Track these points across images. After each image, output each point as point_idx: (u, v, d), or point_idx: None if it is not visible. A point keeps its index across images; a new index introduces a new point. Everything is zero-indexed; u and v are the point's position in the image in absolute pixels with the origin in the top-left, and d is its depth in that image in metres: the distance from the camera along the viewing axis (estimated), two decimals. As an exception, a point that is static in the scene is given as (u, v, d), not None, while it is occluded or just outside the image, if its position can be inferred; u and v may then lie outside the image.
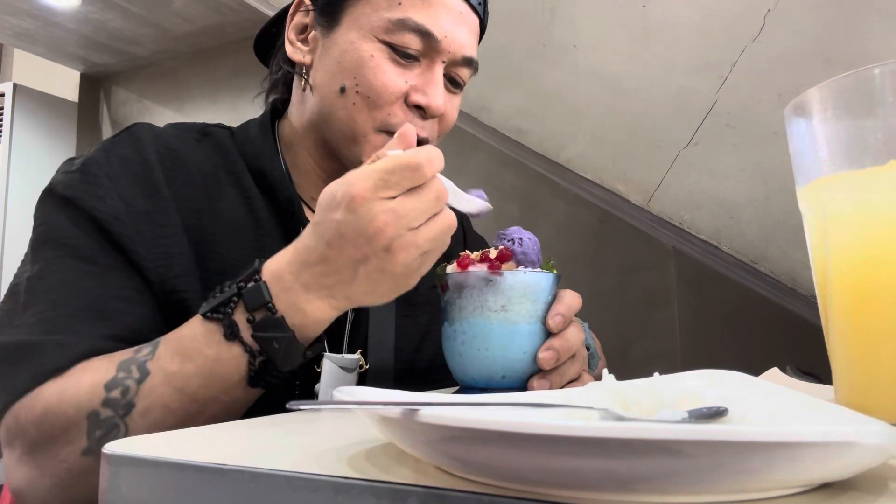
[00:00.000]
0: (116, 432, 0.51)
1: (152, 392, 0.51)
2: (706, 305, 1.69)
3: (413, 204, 0.51)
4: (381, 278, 0.52)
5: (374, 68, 0.67)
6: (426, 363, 0.79)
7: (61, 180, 0.63)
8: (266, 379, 0.53)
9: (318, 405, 0.31)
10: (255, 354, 0.52)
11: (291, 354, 0.53)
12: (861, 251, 0.39)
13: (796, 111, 0.42)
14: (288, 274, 0.53)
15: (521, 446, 0.23)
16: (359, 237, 0.50)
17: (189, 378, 0.52)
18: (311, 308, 0.53)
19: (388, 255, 0.51)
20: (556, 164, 1.91)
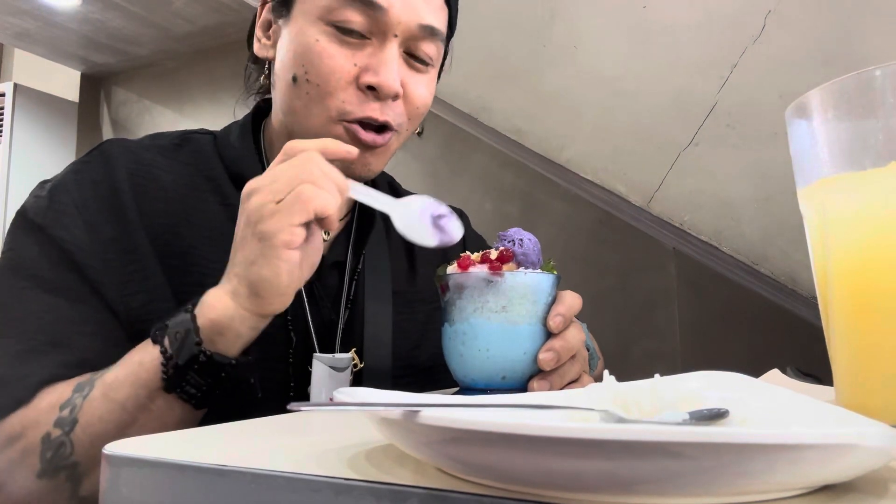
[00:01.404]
0: (63, 449, 0.52)
1: (91, 405, 0.53)
2: (706, 306, 1.69)
3: (279, 168, 0.54)
4: (245, 236, 0.53)
5: (319, 52, 0.64)
6: (425, 362, 0.79)
7: (32, 205, 0.64)
8: (181, 385, 0.52)
9: (319, 406, 0.31)
10: (167, 357, 0.52)
11: (187, 348, 0.52)
12: (862, 252, 0.39)
13: (797, 112, 0.42)
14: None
15: (522, 448, 0.23)
16: (241, 223, 0.55)
17: (120, 386, 0.53)
18: (210, 297, 0.54)
19: (246, 213, 0.53)
20: (556, 165, 1.91)
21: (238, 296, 0.53)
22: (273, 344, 0.66)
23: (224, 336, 0.53)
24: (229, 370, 0.54)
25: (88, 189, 0.64)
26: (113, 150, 0.67)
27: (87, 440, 0.52)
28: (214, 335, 0.53)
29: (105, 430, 0.52)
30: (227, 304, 0.53)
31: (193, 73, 3.13)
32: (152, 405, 0.53)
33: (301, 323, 0.69)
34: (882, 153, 0.37)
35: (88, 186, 0.64)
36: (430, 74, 0.71)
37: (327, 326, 0.71)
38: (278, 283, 0.52)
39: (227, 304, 0.53)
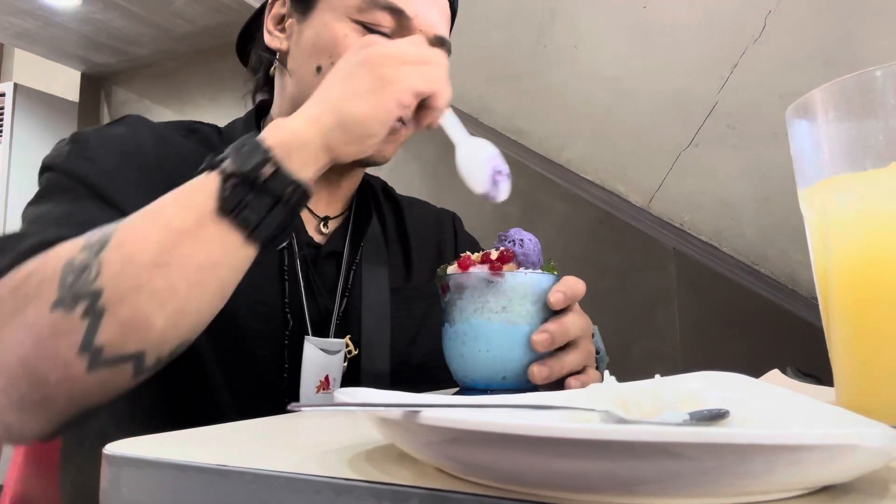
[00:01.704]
0: (87, 273, 0.46)
1: (128, 225, 0.49)
2: (706, 306, 1.69)
3: (403, 41, 0.58)
4: (358, 72, 0.54)
5: (347, 46, 0.68)
6: (421, 358, 0.80)
7: (52, 154, 0.64)
8: (237, 206, 0.48)
9: (319, 407, 0.31)
10: (226, 174, 0.49)
11: (254, 154, 0.49)
12: (862, 253, 0.39)
13: (798, 113, 0.42)
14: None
15: (522, 448, 0.23)
16: (351, 62, 0.55)
17: (165, 207, 0.49)
18: (287, 119, 0.53)
19: (362, 56, 0.55)
20: (556, 165, 1.91)
21: (320, 122, 0.52)
22: (271, 324, 0.68)
23: (292, 159, 0.50)
24: (291, 194, 0.50)
25: (110, 140, 0.65)
26: (136, 121, 0.70)
27: (118, 261, 0.46)
28: (282, 157, 0.50)
29: (141, 252, 0.47)
30: (303, 126, 0.52)
31: (193, 73, 3.14)
32: (200, 231, 0.48)
33: (297, 308, 0.70)
34: (883, 154, 0.37)
35: (110, 138, 0.66)
36: None
37: (323, 314, 0.72)
38: (370, 125, 0.53)
39: (303, 126, 0.52)
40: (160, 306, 0.46)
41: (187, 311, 0.48)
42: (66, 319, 0.45)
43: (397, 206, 0.90)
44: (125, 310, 0.45)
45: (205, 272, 0.48)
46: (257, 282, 0.69)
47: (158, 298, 0.46)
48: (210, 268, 0.48)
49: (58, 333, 0.45)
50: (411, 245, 0.86)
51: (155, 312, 0.46)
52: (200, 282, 0.48)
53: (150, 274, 0.46)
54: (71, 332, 0.45)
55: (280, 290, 0.70)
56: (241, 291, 0.54)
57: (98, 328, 0.45)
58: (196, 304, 0.49)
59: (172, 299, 0.47)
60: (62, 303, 0.45)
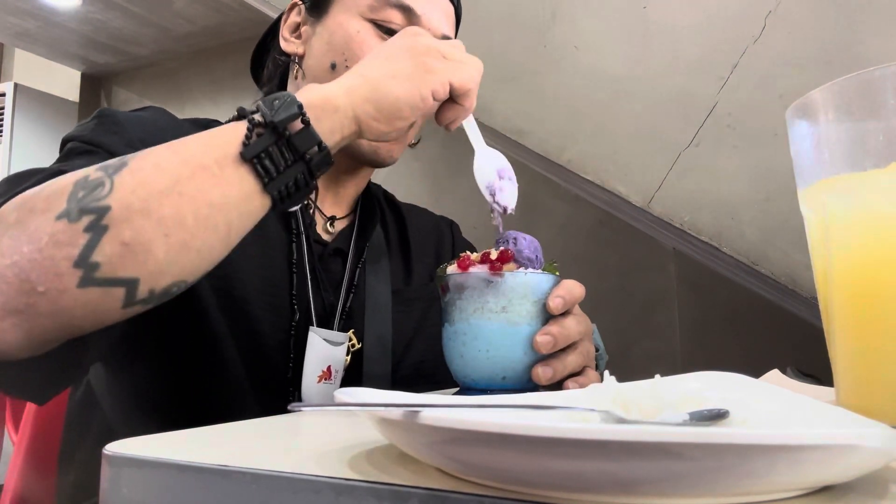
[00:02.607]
0: (100, 189, 0.45)
1: (149, 153, 0.49)
2: (707, 307, 1.69)
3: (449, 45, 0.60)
4: (401, 55, 0.56)
5: (360, 43, 0.72)
6: (418, 358, 0.81)
7: (76, 129, 0.65)
8: (258, 155, 0.48)
9: (320, 407, 0.31)
10: (254, 123, 0.49)
11: (287, 109, 0.49)
12: (862, 253, 0.39)
13: (798, 113, 0.42)
14: None
15: (522, 448, 0.23)
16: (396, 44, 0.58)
17: (188, 143, 0.49)
18: (323, 86, 0.54)
19: (409, 42, 0.58)
20: (556, 165, 1.91)
21: (353, 92, 0.54)
22: (278, 314, 0.70)
23: (321, 122, 0.51)
24: (314, 155, 0.50)
25: (135, 119, 0.67)
26: (156, 109, 0.73)
27: (132, 184, 0.46)
28: (313, 118, 0.50)
29: (157, 179, 0.46)
30: (338, 93, 0.53)
31: (193, 73, 3.14)
32: (218, 171, 0.48)
33: (304, 300, 0.72)
34: (883, 154, 0.37)
35: (135, 118, 0.67)
36: None
37: (328, 308, 0.74)
38: (402, 107, 0.55)
39: (338, 93, 0.53)
40: (164, 235, 0.46)
41: (191, 245, 0.47)
42: (67, 230, 0.44)
43: (398, 212, 0.92)
44: (129, 231, 0.45)
45: (215, 210, 0.48)
46: (268, 273, 0.70)
47: (164, 226, 0.46)
48: (221, 207, 0.48)
49: (56, 243, 0.43)
50: (411, 250, 0.88)
51: (158, 240, 0.45)
52: (209, 218, 0.47)
53: (161, 201, 0.46)
54: (70, 243, 0.44)
55: (288, 281, 0.71)
56: (254, 279, 0.55)
57: (98, 244, 0.44)
58: (200, 241, 0.48)
59: (178, 230, 0.46)
60: (68, 214, 0.44)
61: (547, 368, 0.57)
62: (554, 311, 0.58)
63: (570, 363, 0.59)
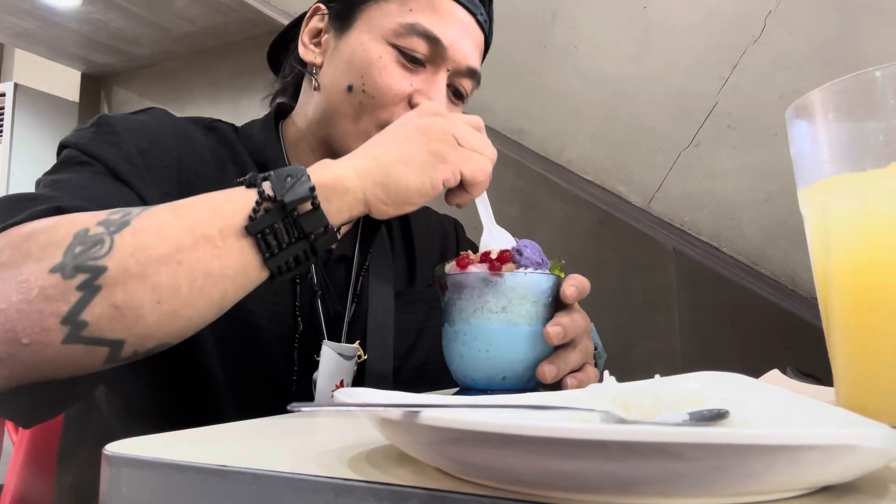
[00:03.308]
0: (99, 248, 0.45)
1: (152, 215, 0.48)
2: (706, 307, 1.69)
3: (467, 125, 0.59)
4: (415, 139, 0.55)
5: (381, 69, 0.70)
6: (420, 359, 0.81)
7: (74, 135, 0.64)
8: (263, 230, 0.48)
9: (320, 407, 0.31)
10: (263, 197, 0.49)
11: (299, 189, 0.49)
12: (862, 253, 0.39)
13: (798, 113, 0.42)
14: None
15: (522, 448, 0.23)
16: (412, 125, 0.57)
17: (194, 208, 0.49)
18: (334, 163, 0.54)
19: (425, 124, 0.57)
20: (556, 165, 1.91)
21: (364, 175, 0.54)
22: (282, 325, 0.69)
23: (330, 203, 0.51)
24: (319, 236, 0.50)
25: (136, 126, 0.66)
26: (159, 112, 0.72)
27: (132, 246, 0.45)
28: (322, 198, 0.51)
29: (156, 244, 0.46)
30: (350, 175, 0.53)
31: (193, 73, 3.14)
32: (221, 242, 0.48)
33: (308, 311, 0.71)
34: (883, 154, 0.37)
35: (135, 124, 0.66)
36: (460, 108, 0.79)
37: (333, 318, 0.73)
38: (411, 195, 0.55)
39: (350, 175, 0.53)
40: (157, 301, 0.46)
41: (181, 313, 0.48)
42: (60, 285, 0.43)
43: None
44: (122, 294, 0.44)
45: (211, 281, 0.48)
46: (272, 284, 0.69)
47: (158, 293, 0.46)
48: (218, 278, 0.48)
49: (47, 297, 0.43)
50: (416, 250, 0.88)
51: (150, 305, 0.46)
52: (204, 288, 0.48)
53: (159, 268, 0.46)
54: (61, 299, 0.43)
55: (292, 292, 0.71)
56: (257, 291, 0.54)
57: (88, 304, 0.44)
58: (192, 309, 0.48)
59: (171, 298, 0.46)
60: (62, 268, 0.44)
61: (552, 366, 0.57)
62: (570, 299, 0.59)
63: (571, 360, 0.59)
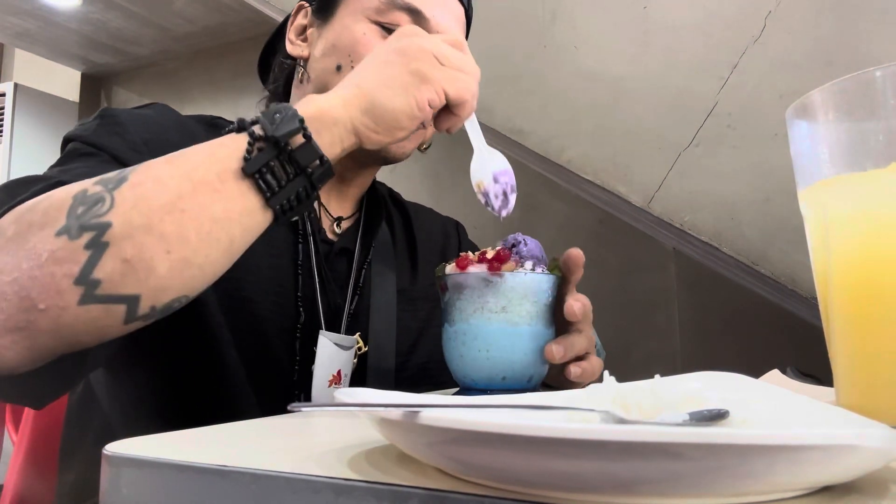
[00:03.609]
0: (101, 206, 0.45)
1: (149, 167, 0.48)
2: (706, 307, 1.69)
3: (448, 45, 0.57)
4: (395, 61, 0.54)
5: (366, 45, 0.71)
6: (423, 359, 0.81)
7: (78, 128, 0.64)
8: (260, 169, 0.48)
9: (320, 407, 0.31)
10: (255, 137, 0.49)
11: (288, 123, 0.49)
12: (862, 253, 0.39)
13: (798, 113, 0.42)
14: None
15: (522, 448, 0.23)
16: (391, 48, 0.56)
17: (189, 156, 0.49)
18: (320, 97, 0.53)
19: (403, 45, 0.55)
20: (556, 165, 1.91)
21: (350, 105, 0.53)
22: (284, 315, 0.69)
23: (321, 135, 0.51)
24: (316, 168, 0.50)
25: (139, 118, 0.66)
26: (162, 107, 0.72)
27: (133, 199, 0.45)
28: (313, 131, 0.50)
29: (158, 194, 0.46)
30: (336, 105, 0.52)
31: (193, 73, 3.14)
32: (220, 185, 0.47)
33: (309, 302, 0.71)
34: (883, 154, 0.37)
35: (138, 117, 0.66)
36: None
37: (334, 310, 0.74)
38: (399, 118, 0.54)
39: (336, 105, 0.52)
40: (166, 251, 0.45)
41: (193, 261, 0.47)
42: (68, 247, 0.43)
43: (404, 211, 0.92)
44: (130, 248, 0.44)
45: (217, 225, 0.47)
46: (274, 273, 0.70)
47: (166, 243, 0.45)
48: (224, 222, 0.48)
49: (57, 260, 0.43)
50: (418, 249, 0.88)
51: (159, 256, 0.45)
52: (211, 233, 0.47)
53: (163, 217, 0.45)
54: (70, 260, 0.43)
55: (294, 282, 0.71)
56: (260, 280, 0.54)
57: (98, 261, 0.44)
58: (203, 256, 0.48)
59: (180, 246, 0.46)
60: (67, 230, 0.44)
61: (559, 347, 0.58)
62: (573, 317, 0.59)
63: (577, 344, 0.60)
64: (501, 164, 0.62)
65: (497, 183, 0.61)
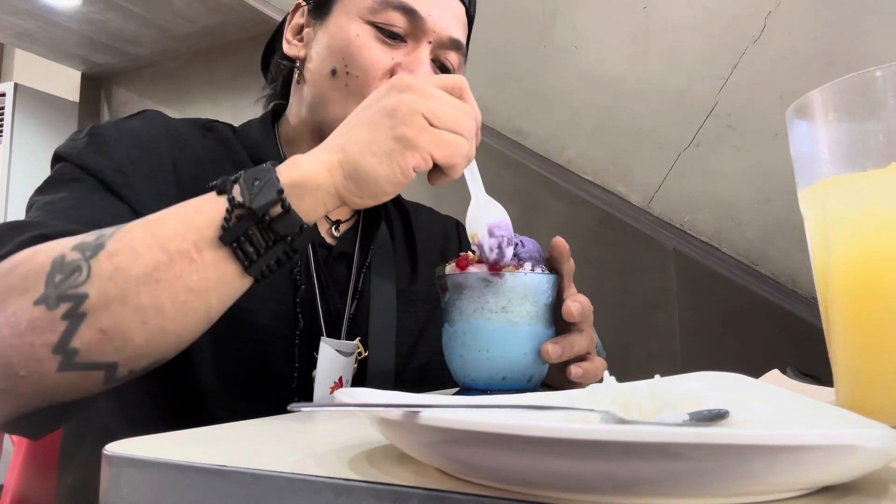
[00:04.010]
0: (77, 276, 0.45)
1: (126, 235, 0.48)
2: (706, 307, 1.69)
3: (441, 93, 0.53)
4: (382, 123, 0.51)
5: (359, 46, 0.69)
6: (423, 360, 0.80)
7: (67, 145, 0.64)
8: (238, 239, 0.47)
9: (320, 407, 0.31)
10: (234, 204, 0.48)
11: (267, 193, 0.48)
12: (862, 253, 0.39)
13: (798, 113, 0.42)
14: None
15: (522, 449, 0.23)
16: (379, 106, 0.52)
17: (166, 223, 0.48)
18: (303, 159, 0.51)
19: (392, 103, 0.52)
20: (556, 165, 1.91)
21: (334, 170, 0.51)
22: (283, 322, 0.68)
23: (302, 201, 0.49)
24: (296, 237, 0.49)
25: (127, 134, 0.65)
26: (153, 116, 0.71)
27: (109, 270, 0.45)
28: (294, 197, 0.49)
29: (133, 265, 0.46)
30: (319, 170, 0.50)
31: (194, 73, 3.14)
32: (197, 255, 0.47)
33: (308, 308, 0.71)
34: (883, 154, 0.37)
35: (127, 132, 0.66)
36: None
37: (333, 315, 0.73)
38: (382, 186, 0.51)
39: (319, 170, 0.50)
40: (142, 322, 0.46)
41: (169, 330, 0.48)
42: (46, 317, 0.44)
43: (404, 210, 0.91)
44: (107, 319, 0.45)
45: (194, 295, 0.47)
46: (273, 280, 0.69)
47: (142, 314, 0.46)
48: (200, 292, 0.48)
49: (35, 329, 0.44)
50: (417, 249, 0.87)
51: (136, 327, 0.46)
52: (187, 304, 0.47)
53: (139, 288, 0.46)
54: (49, 330, 0.44)
55: (293, 288, 0.70)
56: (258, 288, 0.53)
57: (76, 331, 0.44)
58: (179, 325, 0.48)
59: (156, 317, 0.46)
60: (45, 300, 0.44)
61: (556, 346, 0.58)
62: (570, 317, 0.59)
63: (577, 343, 0.60)
64: (497, 215, 0.60)
65: (492, 237, 0.59)
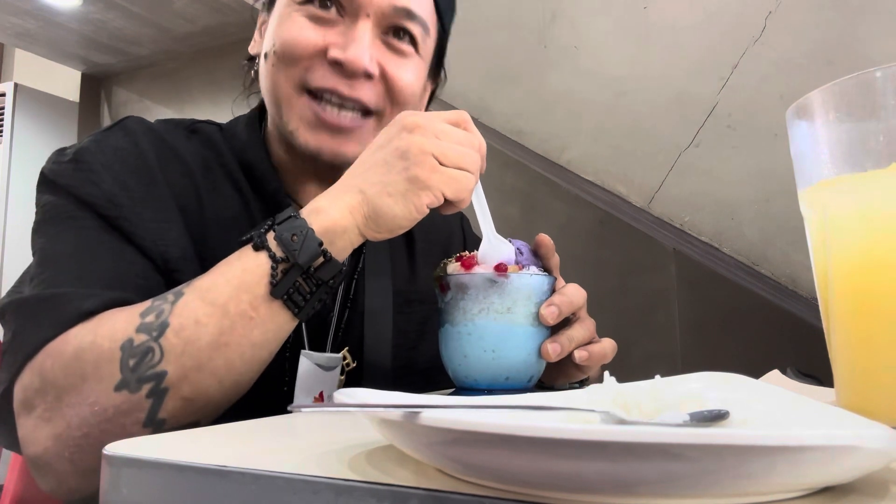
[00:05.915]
0: (151, 357, 0.49)
1: (185, 308, 0.51)
2: (707, 307, 1.69)
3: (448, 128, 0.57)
4: (395, 165, 0.55)
5: (288, 26, 0.67)
6: (425, 362, 0.79)
7: (53, 169, 0.62)
8: (288, 291, 0.52)
9: (319, 407, 0.31)
10: (277, 259, 0.52)
11: (309, 248, 0.52)
12: (862, 253, 0.39)
13: (798, 113, 0.42)
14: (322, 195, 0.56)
15: (522, 449, 0.23)
16: (391, 147, 0.55)
17: (220, 288, 0.52)
18: (324, 202, 0.55)
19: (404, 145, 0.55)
20: (556, 166, 1.91)
21: (355, 212, 0.55)
22: None
23: (335, 245, 0.54)
24: (338, 277, 0.54)
25: (111, 153, 0.64)
26: (134, 125, 0.68)
27: (180, 346, 0.49)
28: (328, 243, 0.53)
29: (201, 336, 0.50)
30: (343, 215, 0.54)
31: (194, 74, 3.13)
32: (254, 313, 0.51)
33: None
34: (883, 154, 0.37)
35: (111, 151, 0.64)
36: (414, 60, 0.71)
37: (324, 325, 0.72)
38: (399, 223, 0.55)
39: (343, 215, 0.54)
40: (219, 382, 0.51)
41: (241, 382, 0.53)
42: (130, 400, 0.48)
43: None
44: (187, 388, 0.49)
45: (258, 348, 0.52)
46: None
47: (218, 375, 0.51)
48: (263, 343, 0.53)
49: (123, 412, 0.48)
50: (416, 247, 0.85)
51: (214, 387, 0.51)
52: (254, 356, 0.52)
53: (210, 354, 0.50)
54: (136, 409, 0.48)
55: None
56: None
57: (161, 405, 0.49)
58: (249, 374, 0.53)
59: (229, 374, 0.51)
60: (126, 384, 0.48)
61: (555, 345, 0.59)
62: (548, 320, 0.59)
63: (576, 335, 0.60)
64: (507, 254, 0.61)
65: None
